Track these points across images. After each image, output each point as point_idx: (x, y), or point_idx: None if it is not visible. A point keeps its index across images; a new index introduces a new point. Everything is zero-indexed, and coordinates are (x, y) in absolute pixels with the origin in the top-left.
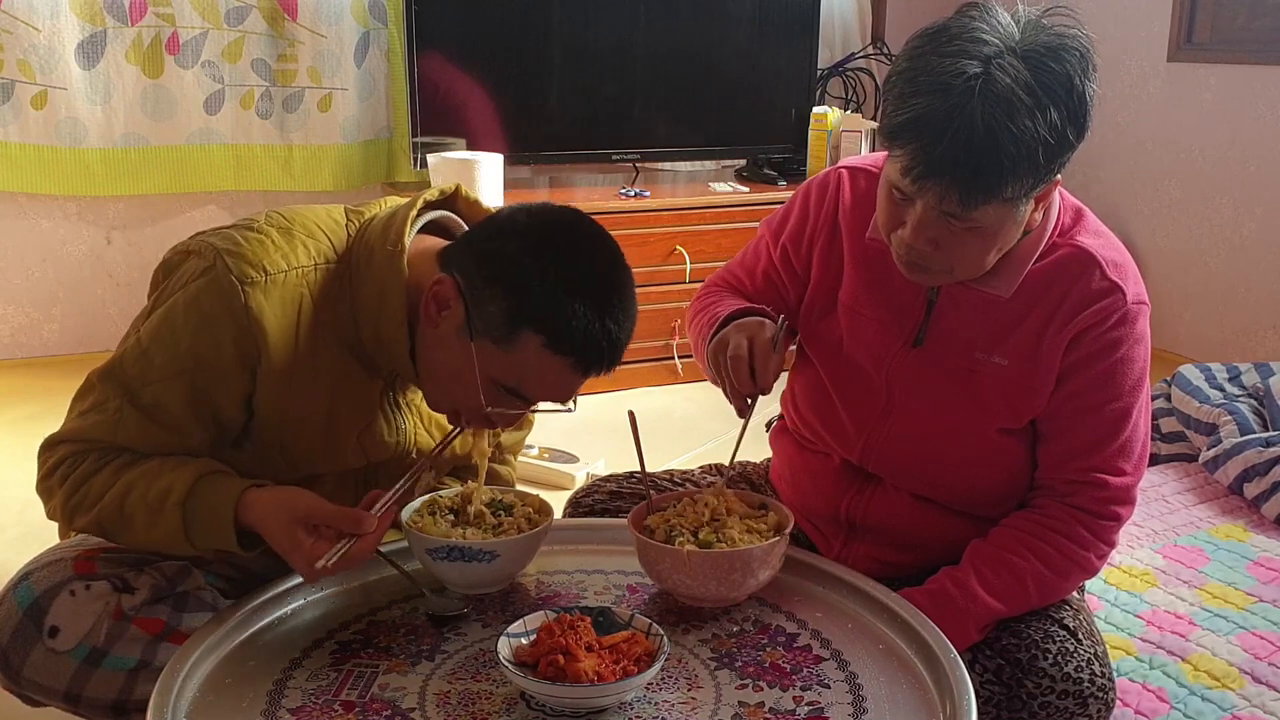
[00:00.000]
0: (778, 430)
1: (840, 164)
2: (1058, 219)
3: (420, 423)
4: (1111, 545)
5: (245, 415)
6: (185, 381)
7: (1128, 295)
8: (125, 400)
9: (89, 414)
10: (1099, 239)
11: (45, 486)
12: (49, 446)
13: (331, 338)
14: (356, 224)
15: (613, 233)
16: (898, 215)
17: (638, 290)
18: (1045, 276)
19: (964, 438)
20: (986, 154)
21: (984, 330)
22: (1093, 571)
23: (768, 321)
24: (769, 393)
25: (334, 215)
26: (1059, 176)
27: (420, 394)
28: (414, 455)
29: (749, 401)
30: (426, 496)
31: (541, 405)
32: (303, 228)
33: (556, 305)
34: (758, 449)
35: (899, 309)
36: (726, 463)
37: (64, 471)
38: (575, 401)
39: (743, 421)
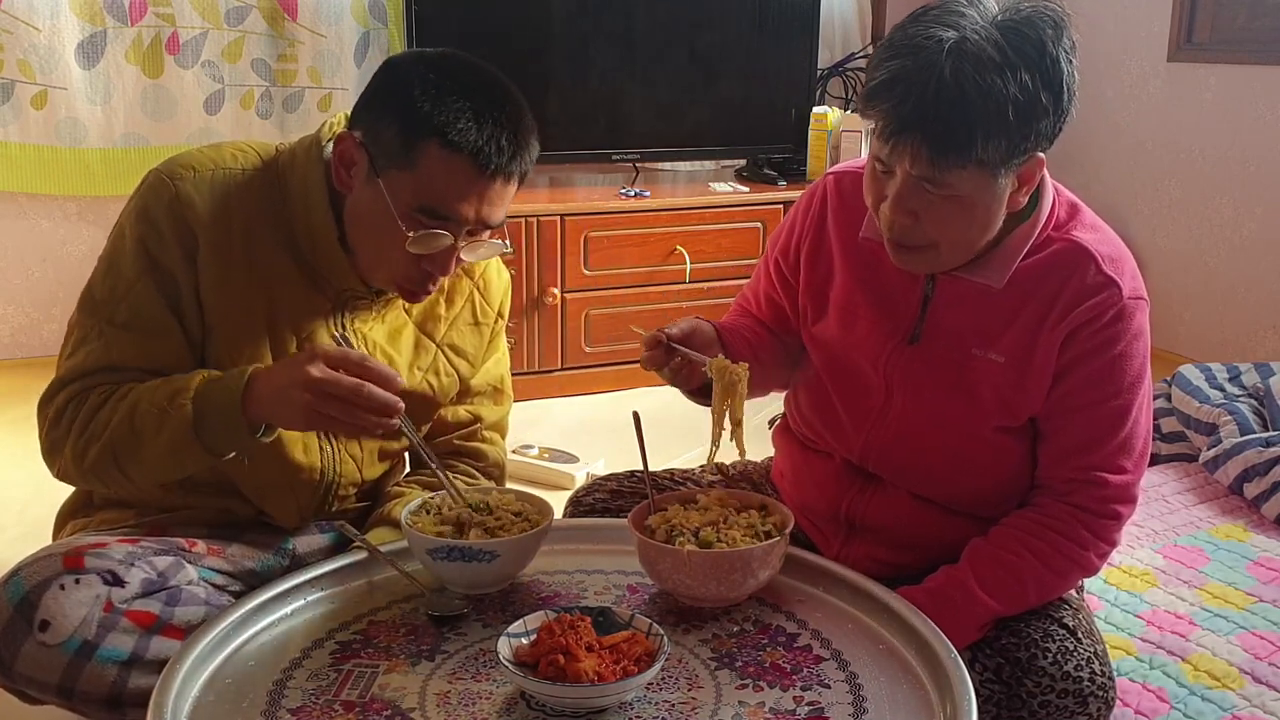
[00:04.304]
0: (780, 429)
1: (827, 171)
2: (1052, 211)
3: (364, 349)
4: (1112, 545)
5: (199, 314)
6: (149, 281)
7: (1124, 290)
8: (105, 323)
9: (77, 351)
10: (1095, 233)
11: (52, 439)
12: (47, 400)
13: (270, 240)
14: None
15: (612, 233)
16: (880, 189)
17: (637, 290)
18: (1039, 271)
19: (961, 436)
20: (954, 108)
21: (979, 325)
22: (1093, 571)
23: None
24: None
25: (266, 144)
26: (1042, 155)
27: (368, 324)
28: None
29: (720, 444)
30: (423, 497)
31: (473, 248)
32: (232, 144)
33: (443, 104)
34: (760, 447)
35: (894, 307)
36: (726, 463)
37: (70, 414)
38: (508, 240)
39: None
